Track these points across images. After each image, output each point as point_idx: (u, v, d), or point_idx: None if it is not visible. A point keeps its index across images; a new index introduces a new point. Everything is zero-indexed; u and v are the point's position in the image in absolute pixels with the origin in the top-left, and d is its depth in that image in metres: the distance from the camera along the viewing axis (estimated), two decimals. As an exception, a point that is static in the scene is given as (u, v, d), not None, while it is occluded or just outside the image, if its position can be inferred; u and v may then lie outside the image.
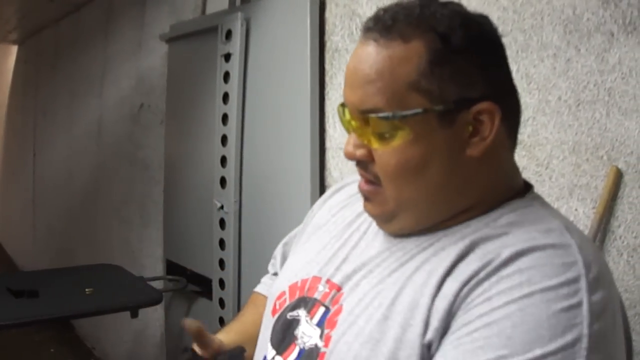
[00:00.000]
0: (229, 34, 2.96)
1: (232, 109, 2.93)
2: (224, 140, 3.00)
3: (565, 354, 0.86)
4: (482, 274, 0.95)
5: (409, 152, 1.02)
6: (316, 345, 1.09)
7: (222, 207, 3.01)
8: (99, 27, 5.30)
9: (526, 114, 1.83)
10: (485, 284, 0.94)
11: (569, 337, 0.87)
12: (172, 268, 3.70)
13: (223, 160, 3.02)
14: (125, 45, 4.73)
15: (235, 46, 2.91)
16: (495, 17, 1.88)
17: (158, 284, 3.61)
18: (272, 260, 1.59)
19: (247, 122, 2.92)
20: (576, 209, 1.73)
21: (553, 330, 0.87)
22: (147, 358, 4.39)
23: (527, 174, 1.82)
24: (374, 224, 1.18)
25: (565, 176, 1.75)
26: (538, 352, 0.86)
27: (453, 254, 1.01)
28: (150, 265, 4.21)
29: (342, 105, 1.10)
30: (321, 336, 1.09)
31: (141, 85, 4.44)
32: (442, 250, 1.04)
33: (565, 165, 1.75)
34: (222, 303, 3.02)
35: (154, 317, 4.01)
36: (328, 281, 1.17)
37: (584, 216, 1.71)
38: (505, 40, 1.87)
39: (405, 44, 1.01)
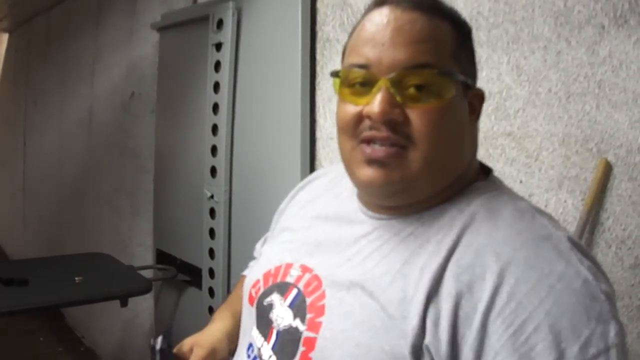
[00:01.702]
0: (220, 23, 2.95)
1: (223, 98, 2.93)
2: (215, 129, 3.00)
3: (603, 322, 0.94)
4: (491, 277, 0.98)
5: (449, 113, 1.08)
6: (295, 329, 1.14)
7: (212, 197, 3.01)
8: (90, 15, 5.28)
9: (516, 105, 1.84)
10: (506, 288, 0.97)
11: (597, 307, 0.95)
12: (162, 257, 3.70)
13: (213, 150, 3.02)
14: (117, 34, 4.71)
15: (226, 35, 2.90)
16: (486, 9, 1.89)
17: (148, 273, 3.61)
18: (255, 254, 1.66)
19: (237, 111, 2.92)
20: (565, 201, 1.73)
21: (584, 308, 0.95)
22: (136, 347, 4.39)
23: (516, 166, 1.83)
24: (344, 213, 1.25)
25: (555, 168, 1.76)
26: (586, 332, 0.93)
27: (443, 248, 1.05)
28: (140, 254, 4.21)
29: (356, 66, 1.10)
30: (302, 320, 1.13)
31: (132, 74, 4.42)
32: (427, 242, 1.08)
33: (555, 157, 1.76)
34: (211, 292, 3.02)
35: (143, 306, 4.01)
36: (301, 265, 1.22)
37: (573, 208, 1.71)
38: (496, 32, 1.89)
39: (442, 21, 1.09)
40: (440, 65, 1.06)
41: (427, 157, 1.07)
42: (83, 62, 5.45)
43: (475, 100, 1.16)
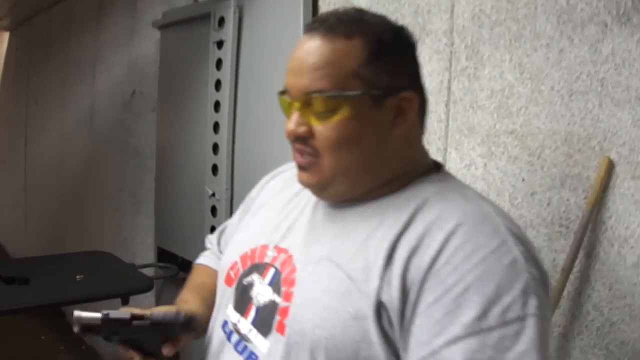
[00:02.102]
0: (221, 21, 2.95)
1: (225, 96, 2.93)
2: (216, 127, 3.00)
3: (525, 294, 1.09)
4: (434, 245, 1.14)
5: (347, 127, 1.23)
6: (273, 301, 1.29)
7: (213, 195, 3.01)
8: (91, 14, 5.28)
9: (518, 103, 1.83)
10: (445, 254, 1.13)
11: (522, 282, 1.10)
12: (164, 255, 3.70)
13: (215, 148, 3.02)
14: (118, 33, 4.71)
15: (227, 33, 2.91)
16: (488, 7, 1.89)
17: (149, 271, 3.61)
18: (207, 244, 1.82)
19: (239, 109, 2.92)
20: (568, 199, 1.73)
21: (511, 280, 1.10)
22: (137, 345, 4.39)
23: (519, 164, 1.83)
24: (312, 200, 1.40)
25: (557, 166, 1.75)
26: (508, 298, 1.08)
27: (399, 223, 1.21)
28: (142, 252, 4.21)
29: (282, 92, 1.30)
30: (279, 293, 1.28)
31: (133, 73, 4.42)
32: (386, 219, 1.24)
33: (558, 155, 1.75)
34: (213, 291, 3.02)
35: (144, 304, 3.97)
36: (275, 247, 1.38)
37: (575, 206, 1.71)
38: (498, 30, 1.89)
39: (348, 41, 1.23)
40: (331, 88, 1.22)
41: (333, 164, 1.26)
42: (84, 61, 5.44)
43: (403, 103, 1.27)
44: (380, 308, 1.15)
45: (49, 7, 6.49)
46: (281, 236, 1.39)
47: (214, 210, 3.02)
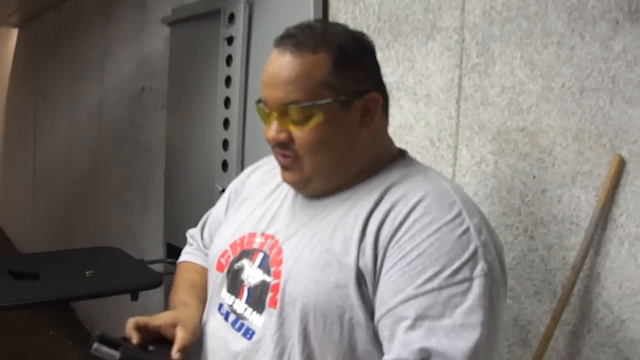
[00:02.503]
0: (231, 17, 2.95)
1: (235, 92, 2.93)
2: (226, 123, 3.01)
3: (474, 259, 1.26)
4: (398, 218, 1.32)
5: (322, 131, 1.38)
6: (264, 281, 1.43)
7: (223, 191, 3.01)
8: (100, 10, 5.28)
9: (529, 100, 1.83)
10: (405, 225, 1.30)
11: (471, 249, 1.27)
12: (173, 251, 3.70)
13: (225, 144, 3.02)
14: (127, 29, 4.72)
15: (238, 29, 2.91)
16: (499, 3, 1.89)
17: (158, 267, 3.62)
18: (189, 240, 1.92)
19: (249, 105, 2.92)
20: (578, 197, 1.73)
21: (462, 247, 1.27)
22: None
23: (529, 161, 1.83)
24: (291, 191, 1.55)
25: (568, 163, 1.75)
26: (457, 262, 1.25)
27: (371, 201, 1.38)
28: (150, 249, 4.22)
29: (259, 101, 1.44)
30: (268, 273, 1.43)
31: (142, 69, 4.43)
32: (359, 200, 1.40)
33: (568, 153, 1.75)
34: (222, 287, 3.02)
35: (153, 300, 4.02)
36: (262, 234, 1.52)
37: (586, 204, 1.71)
38: (509, 27, 1.89)
39: (315, 55, 1.37)
40: (305, 98, 1.36)
41: (312, 164, 1.41)
42: (93, 57, 5.46)
43: (370, 103, 1.43)
44: (359, 275, 1.31)
45: (58, 3, 6.50)
46: (267, 224, 1.53)
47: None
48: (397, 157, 1.52)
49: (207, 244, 1.81)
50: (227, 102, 3.00)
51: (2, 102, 9.96)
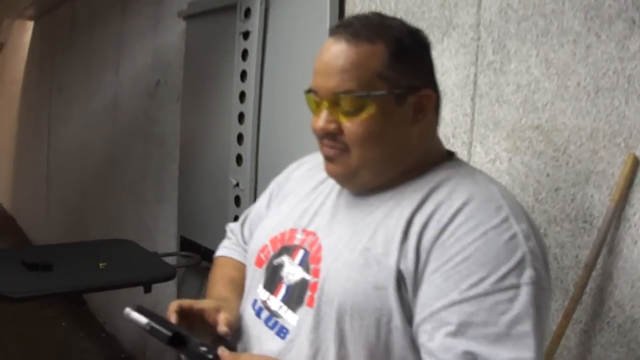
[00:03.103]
0: (247, 12, 2.97)
1: (250, 86, 2.94)
2: (241, 117, 3.02)
3: (521, 266, 1.21)
4: (443, 220, 1.27)
5: (373, 123, 1.34)
6: (303, 279, 1.40)
7: (237, 185, 3.03)
8: (116, 3, 5.30)
9: (544, 98, 1.84)
10: (450, 228, 1.26)
11: (519, 255, 1.22)
12: (186, 244, 3.72)
13: (239, 138, 3.04)
14: (143, 22, 4.73)
15: (254, 24, 2.92)
16: (516, 1, 1.90)
17: (171, 260, 3.63)
18: (228, 234, 1.88)
19: (264, 99, 2.93)
20: (592, 196, 1.73)
21: (508, 253, 1.22)
22: (158, 334, 4.41)
23: (544, 159, 1.83)
24: (335, 188, 1.52)
25: (582, 162, 1.76)
26: (504, 268, 1.20)
27: (414, 202, 1.33)
28: (164, 241, 4.24)
29: (309, 91, 1.41)
30: (307, 271, 1.40)
31: (157, 62, 4.45)
32: (402, 200, 1.36)
33: (583, 152, 1.76)
34: (235, 280, 3.03)
35: (166, 293, 4.04)
36: (304, 230, 1.49)
37: (599, 203, 1.71)
38: (525, 25, 1.89)
39: (372, 45, 1.33)
40: (359, 88, 1.33)
41: (361, 157, 1.37)
42: (108, 50, 5.48)
43: (423, 100, 1.39)
44: (399, 277, 1.27)
45: (74, -4, 6.53)
46: (308, 220, 1.50)
47: (237, 200, 3.04)
48: (445, 159, 1.48)
49: (247, 238, 1.78)
50: (242, 96, 3.02)
51: (17, 95, 10.01)
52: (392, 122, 1.37)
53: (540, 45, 1.85)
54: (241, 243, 1.81)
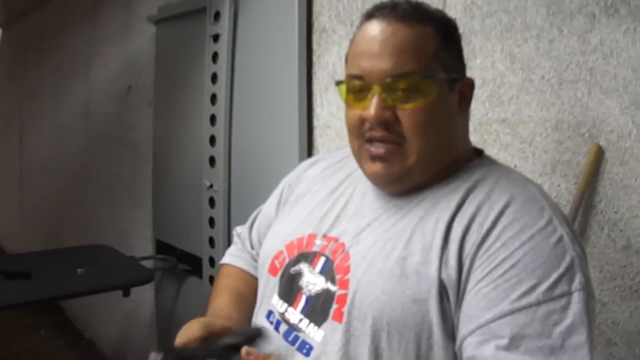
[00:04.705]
0: (217, 15, 2.98)
1: (221, 89, 2.95)
2: (213, 119, 3.03)
3: (571, 271, 1.13)
4: (486, 224, 1.18)
5: (435, 109, 1.24)
6: (327, 290, 1.28)
7: (211, 186, 3.04)
8: (85, 9, 5.28)
9: (510, 92, 1.87)
10: (495, 232, 1.17)
11: (568, 259, 1.14)
12: (162, 248, 3.73)
13: (212, 140, 3.05)
14: (113, 28, 4.72)
15: (223, 27, 2.93)
16: (480, -2, 1.92)
17: (148, 264, 3.63)
18: (235, 239, 1.76)
19: (235, 101, 2.94)
20: (559, 185, 1.77)
21: (557, 258, 1.14)
22: (137, 338, 4.42)
23: (511, 151, 1.87)
24: (358, 189, 1.41)
25: (548, 153, 1.80)
26: (555, 275, 1.12)
27: (452, 204, 1.24)
28: (140, 245, 4.24)
29: (352, 77, 1.28)
30: (333, 282, 1.27)
31: (129, 67, 4.44)
32: (438, 203, 1.26)
33: (548, 143, 1.79)
34: (212, 281, 3.03)
35: (143, 297, 4.05)
36: (324, 236, 1.36)
37: (566, 192, 1.75)
38: (490, 21, 1.93)
39: (424, 27, 1.24)
40: (421, 69, 1.22)
41: (419, 150, 1.25)
42: (79, 56, 5.45)
43: (465, 88, 1.32)
44: (441, 288, 1.17)
45: (43, 3, 6.47)
46: (330, 225, 1.38)
47: (211, 201, 3.05)
48: (474, 157, 1.38)
49: (255, 243, 1.67)
50: (213, 98, 3.03)
51: (-14, 103, 9.91)
52: (446, 110, 1.28)
53: (504, 40, 1.89)
54: (248, 249, 1.69)
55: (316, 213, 1.43)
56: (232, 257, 1.71)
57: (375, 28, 1.25)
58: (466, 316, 1.15)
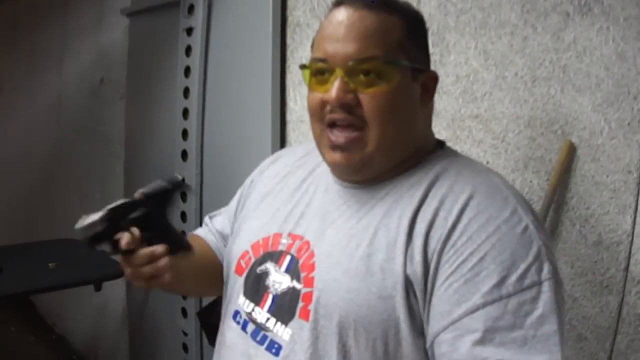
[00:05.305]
0: (191, 8, 2.96)
1: (194, 82, 2.94)
2: (186, 113, 3.01)
3: (539, 260, 1.13)
4: (450, 218, 1.18)
5: (397, 96, 1.25)
6: (293, 288, 1.28)
7: (183, 180, 3.02)
8: (57, 2, 5.23)
9: (483, 89, 1.88)
10: (460, 226, 1.17)
11: (535, 249, 1.14)
12: (134, 242, 3.69)
13: (184, 134, 3.03)
14: (86, 20, 4.68)
15: (197, 20, 2.91)
16: (454, -5, 1.92)
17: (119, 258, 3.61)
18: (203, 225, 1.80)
19: (208, 95, 2.93)
20: (531, 181, 1.78)
21: (525, 248, 1.14)
22: (108, 333, 4.39)
23: (483, 147, 1.88)
24: (321, 185, 1.42)
25: (521, 149, 1.81)
26: (523, 265, 1.12)
27: (415, 198, 1.24)
28: (112, 240, 4.20)
29: (316, 61, 1.29)
30: (298, 280, 1.28)
31: (101, 60, 4.41)
32: (401, 197, 1.27)
33: (521, 139, 1.81)
34: (184, 276, 3.03)
35: (114, 291, 4.02)
36: (289, 234, 1.37)
37: (538, 188, 1.77)
38: (464, 18, 1.93)
39: (390, 15, 1.26)
40: (384, 55, 1.24)
41: (379, 137, 1.26)
42: (51, 49, 5.40)
43: (429, 81, 1.33)
44: (407, 284, 1.17)
45: (14, -5, 6.42)
46: (294, 223, 1.39)
47: (183, 195, 3.04)
48: (436, 149, 1.39)
49: (218, 227, 1.71)
50: (186, 92, 3.01)
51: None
52: (408, 99, 1.29)
53: (478, 37, 1.89)
54: (213, 231, 1.72)
55: (281, 212, 1.44)
56: (198, 230, 1.78)
57: (342, 14, 1.27)
58: (437, 312, 1.15)
